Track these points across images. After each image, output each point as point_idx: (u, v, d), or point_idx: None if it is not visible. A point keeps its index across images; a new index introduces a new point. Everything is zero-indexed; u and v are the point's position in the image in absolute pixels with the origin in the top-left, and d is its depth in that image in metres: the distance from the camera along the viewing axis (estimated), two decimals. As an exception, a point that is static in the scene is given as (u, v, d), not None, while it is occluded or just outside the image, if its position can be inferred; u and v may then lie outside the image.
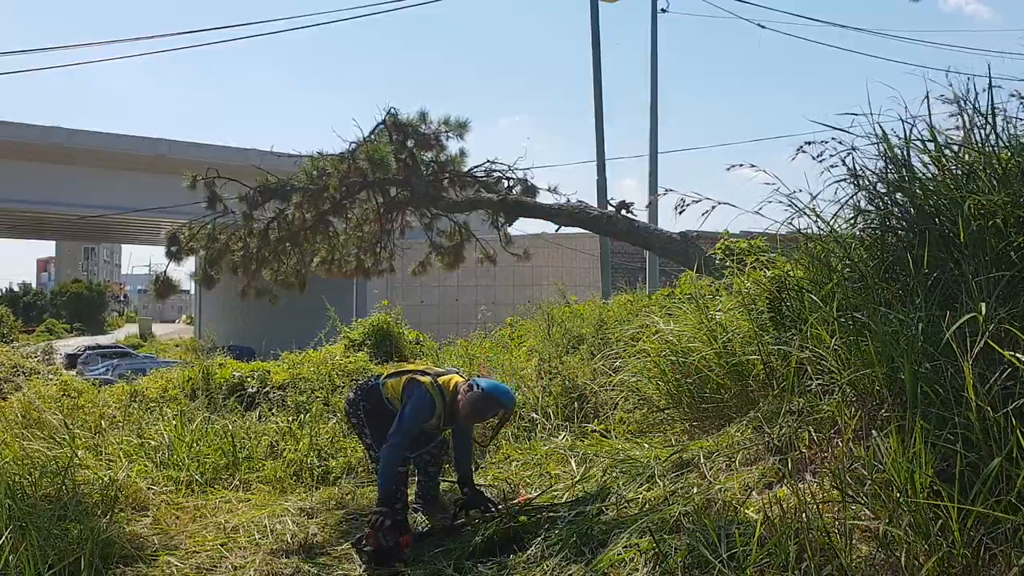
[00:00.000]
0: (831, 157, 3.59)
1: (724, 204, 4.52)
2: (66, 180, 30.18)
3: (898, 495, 2.45)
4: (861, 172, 3.50)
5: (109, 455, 5.70)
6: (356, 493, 5.10)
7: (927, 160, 3.35)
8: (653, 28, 17.26)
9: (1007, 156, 3.09)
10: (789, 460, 3.12)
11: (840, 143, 3.58)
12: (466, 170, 7.57)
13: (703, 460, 3.65)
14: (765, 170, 3.95)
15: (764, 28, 17.66)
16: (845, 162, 3.54)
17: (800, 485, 2.85)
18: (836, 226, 3.65)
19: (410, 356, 11.30)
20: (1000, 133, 3.22)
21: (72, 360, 27.51)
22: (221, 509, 4.81)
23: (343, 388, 7.23)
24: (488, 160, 7.58)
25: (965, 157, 3.27)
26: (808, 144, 3.70)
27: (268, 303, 7.48)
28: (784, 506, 2.70)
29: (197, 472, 5.45)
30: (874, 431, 2.74)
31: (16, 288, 73.06)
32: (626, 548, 3.02)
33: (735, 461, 3.51)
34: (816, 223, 3.77)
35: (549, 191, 7.55)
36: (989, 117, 3.24)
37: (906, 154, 3.34)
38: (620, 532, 3.19)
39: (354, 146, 6.98)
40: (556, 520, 3.66)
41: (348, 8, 37.37)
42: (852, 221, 3.57)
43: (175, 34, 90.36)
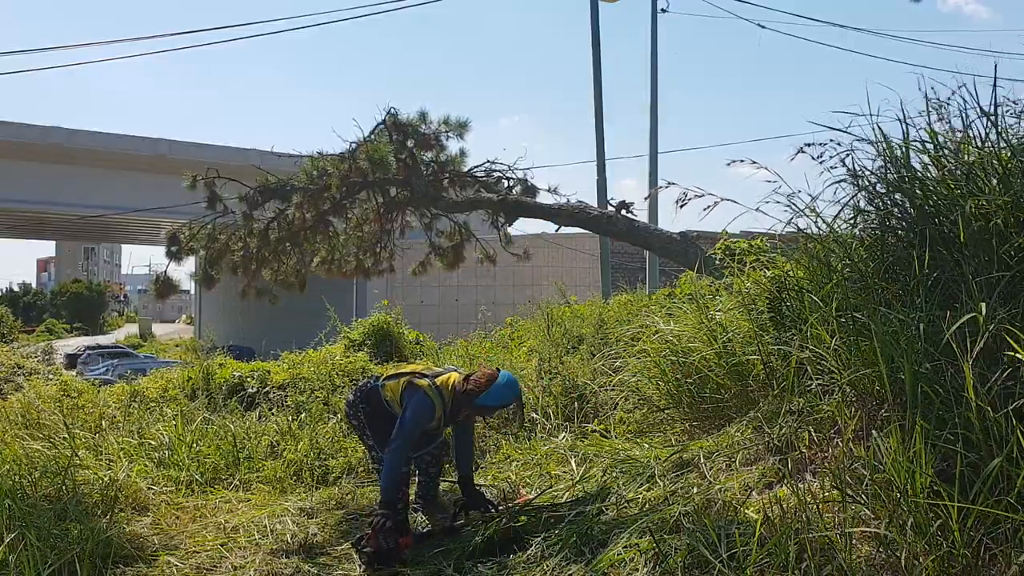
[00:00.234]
0: (831, 158, 3.59)
1: (726, 200, 4.51)
2: (66, 180, 30.19)
3: (898, 495, 2.45)
4: (861, 172, 3.50)
5: (109, 455, 5.70)
6: (356, 493, 5.10)
7: (927, 160, 3.35)
8: (653, 28, 17.28)
9: (1007, 156, 3.09)
10: (789, 460, 3.12)
11: (840, 144, 3.58)
12: (466, 170, 7.57)
13: (703, 460, 3.65)
14: (766, 167, 3.95)
15: (764, 28, 17.68)
16: (845, 162, 3.54)
17: (800, 485, 2.85)
18: (836, 226, 3.65)
19: (410, 356, 11.30)
20: (1001, 132, 3.22)
21: (72, 360, 27.56)
22: (221, 509, 4.81)
23: (343, 388, 7.23)
24: (488, 160, 7.59)
25: (965, 157, 3.27)
26: (808, 146, 3.70)
27: (268, 303, 7.49)
28: (784, 506, 2.70)
29: (197, 472, 5.44)
30: (874, 431, 2.74)
31: (16, 288, 73.09)
32: (626, 548, 3.02)
33: (735, 461, 3.51)
34: (816, 223, 3.78)
35: (549, 191, 7.56)
36: (990, 117, 3.25)
37: (905, 154, 3.34)
38: (620, 532, 3.19)
39: (354, 146, 6.98)
40: (556, 520, 3.66)
41: (348, 8, 37.41)
42: (852, 221, 3.57)
43: (175, 34, 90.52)
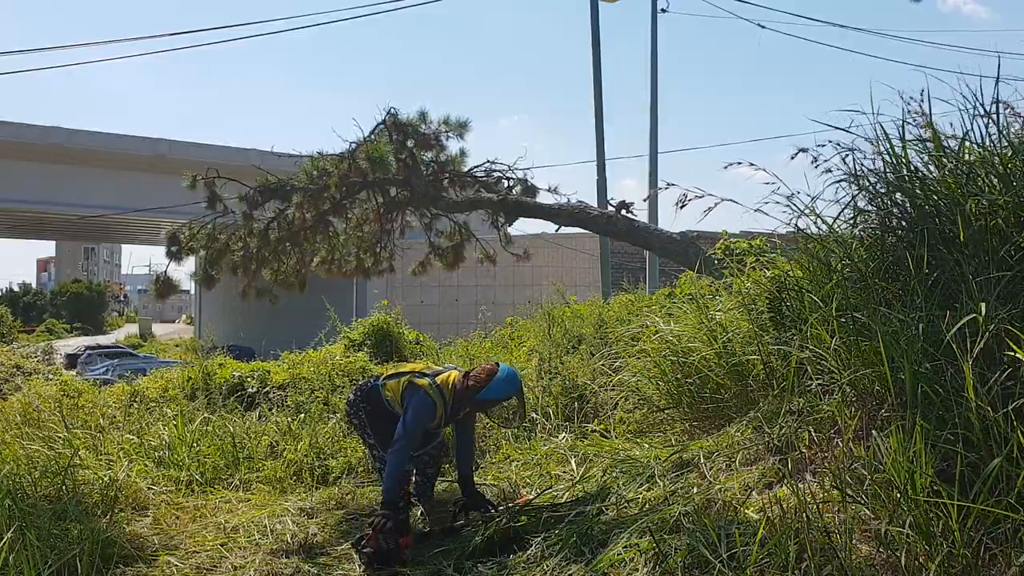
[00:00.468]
0: (830, 158, 3.59)
1: (726, 200, 4.51)
2: (66, 180, 30.19)
3: (898, 495, 2.45)
4: (861, 172, 3.50)
5: (109, 455, 5.70)
6: (356, 493, 5.10)
7: (927, 160, 3.35)
8: (653, 28, 17.28)
9: (1008, 155, 3.09)
10: (789, 460, 3.12)
11: (840, 143, 3.58)
12: (466, 170, 7.56)
13: (703, 460, 3.65)
14: (765, 169, 3.96)
15: (764, 28, 17.69)
16: (845, 162, 3.54)
17: (800, 485, 2.85)
18: (836, 226, 3.65)
19: (410, 356, 11.29)
20: (1002, 132, 3.22)
21: (72, 360, 27.54)
22: (221, 509, 4.81)
23: (343, 388, 7.23)
24: (488, 160, 7.57)
25: (966, 157, 3.26)
26: (802, 151, 3.70)
27: (268, 303, 7.48)
28: (784, 506, 2.70)
29: (197, 472, 5.44)
30: (874, 431, 2.74)
31: (16, 288, 73.09)
32: (626, 548, 3.02)
33: (735, 461, 3.51)
34: (816, 223, 3.78)
35: (549, 191, 7.54)
36: (992, 116, 3.24)
37: (906, 153, 3.34)
38: (620, 532, 3.19)
39: (354, 146, 6.98)
40: (556, 520, 3.66)
41: (347, 8, 37.41)
42: (852, 221, 3.57)
43: (174, 34, 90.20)
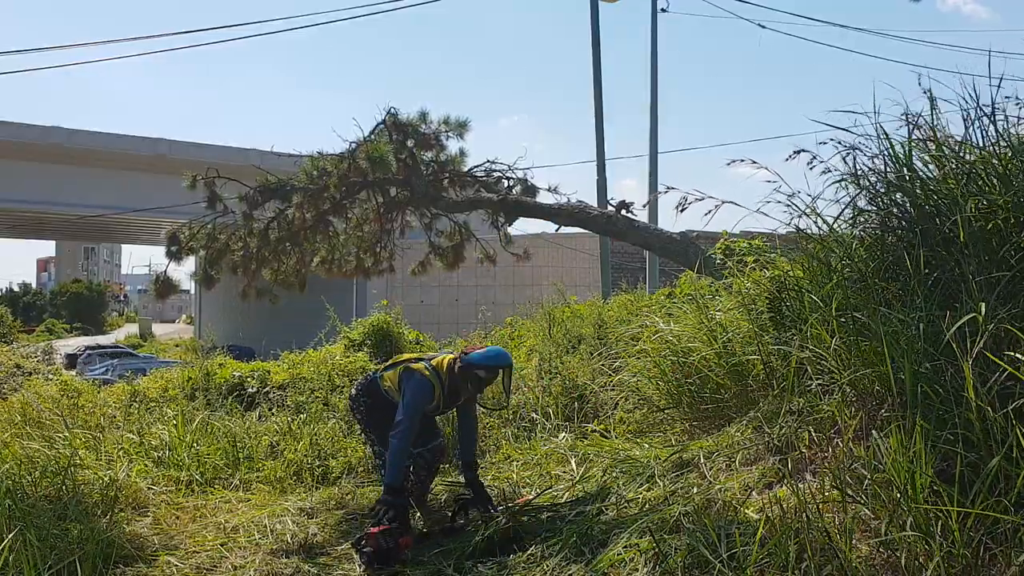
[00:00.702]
0: (830, 159, 3.59)
1: (727, 203, 4.51)
2: (66, 180, 30.19)
3: (898, 495, 2.45)
4: (861, 172, 3.50)
5: (109, 455, 5.70)
6: (356, 493, 5.10)
7: (927, 160, 3.35)
8: (653, 28, 17.28)
9: (1007, 156, 3.09)
10: (789, 460, 3.12)
11: (840, 143, 3.58)
12: (466, 170, 7.56)
13: (703, 460, 3.65)
14: (766, 167, 3.95)
15: (764, 28, 17.69)
16: (845, 161, 3.54)
17: (800, 485, 2.85)
18: (836, 226, 3.65)
19: (410, 356, 11.23)
20: (1001, 132, 3.22)
21: (72, 360, 27.54)
22: (221, 509, 4.81)
23: (343, 388, 7.23)
24: (488, 160, 7.57)
25: (966, 156, 3.26)
26: (801, 151, 3.70)
27: (268, 303, 7.48)
28: (784, 506, 2.70)
29: (197, 472, 5.44)
30: (874, 431, 2.74)
31: (16, 288, 73.10)
32: (626, 548, 3.02)
33: (735, 461, 3.51)
34: (816, 223, 3.77)
35: (549, 191, 7.54)
36: (990, 116, 3.24)
37: (907, 154, 3.34)
38: (620, 532, 3.19)
39: (354, 146, 6.97)
40: (556, 520, 3.66)
41: (347, 8, 37.39)
42: (852, 221, 3.57)
43: (174, 34, 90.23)
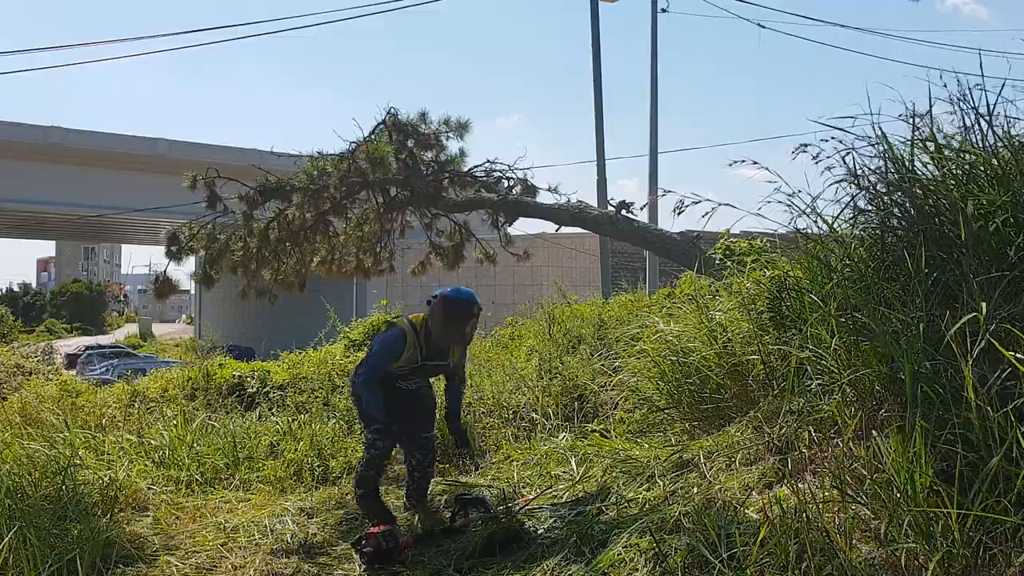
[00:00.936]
0: (829, 157, 3.59)
1: (724, 205, 4.50)
2: (66, 180, 30.21)
3: (898, 495, 2.45)
4: (861, 172, 3.50)
5: (109, 455, 5.70)
6: (356, 493, 5.10)
7: (927, 160, 3.35)
8: (653, 28, 17.30)
9: (1007, 156, 3.09)
10: (789, 460, 3.12)
11: (840, 143, 3.57)
12: (466, 170, 7.56)
13: (703, 460, 3.65)
14: (767, 168, 3.95)
15: (764, 28, 17.71)
16: (845, 162, 3.54)
17: (800, 485, 2.85)
18: (836, 226, 3.65)
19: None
20: (999, 133, 3.22)
21: (72, 360, 27.56)
22: (221, 509, 4.81)
23: (343, 388, 7.23)
24: (488, 160, 7.56)
25: (966, 157, 3.26)
26: (806, 146, 3.69)
27: (268, 303, 7.48)
28: (784, 506, 2.70)
29: (197, 472, 5.45)
30: (874, 431, 2.74)
31: (16, 288, 73.15)
32: (626, 548, 3.02)
33: (735, 461, 3.51)
34: (816, 223, 3.77)
35: (549, 191, 7.53)
36: (988, 117, 3.24)
37: (910, 154, 3.34)
38: (620, 532, 3.19)
39: (354, 146, 6.98)
40: (556, 520, 3.66)
41: (347, 8, 37.41)
42: (852, 221, 3.57)
43: (173, 34, 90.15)
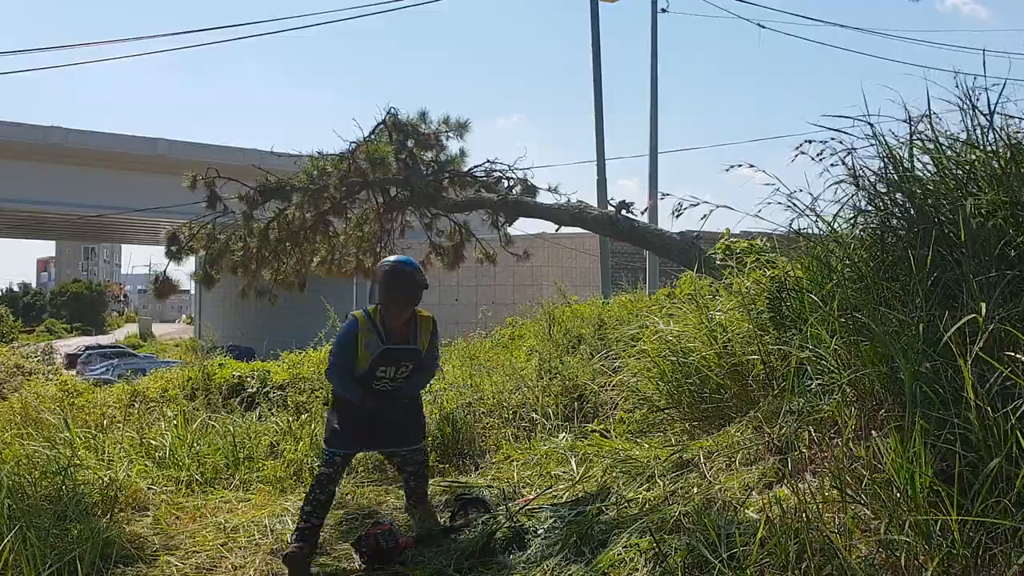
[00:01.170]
0: (830, 157, 3.59)
1: (723, 207, 4.50)
2: (66, 180, 30.23)
3: (898, 495, 2.45)
4: (861, 172, 3.50)
5: (109, 455, 5.70)
6: (356, 493, 5.11)
7: (927, 160, 3.35)
8: (653, 28, 17.30)
9: (1006, 156, 3.09)
10: (789, 460, 3.12)
11: (840, 143, 3.58)
12: (466, 170, 7.57)
13: (703, 460, 3.65)
14: (764, 170, 3.95)
15: (764, 28, 17.71)
16: (845, 162, 3.54)
17: (800, 485, 2.85)
18: (836, 226, 3.65)
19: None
20: (999, 133, 3.22)
21: (72, 360, 27.57)
22: (221, 509, 4.81)
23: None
24: (488, 160, 7.58)
25: (965, 156, 3.26)
26: (808, 143, 3.69)
27: (268, 303, 7.49)
28: (784, 506, 2.70)
29: (197, 472, 5.44)
30: (874, 431, 2.74)
31: (16, 288, 73.16)
32: (626, 548, 3.02)
33: (735, 461, 3.51)
34: (816, 223, 3.77)
35: (549, 191, 7.54)
36: (988, 117, 3.24)
37: (909, 154, 3.34)
38: (620, 532, 3.19)
39: (354, 146, 6.98)
40: (556, 520, 3.66)
41: (347, 8, 37.41)
42: (852, 221, 3.57)
43: (174, 34, 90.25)
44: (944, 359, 2.61)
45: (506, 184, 7.56)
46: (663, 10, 17.29)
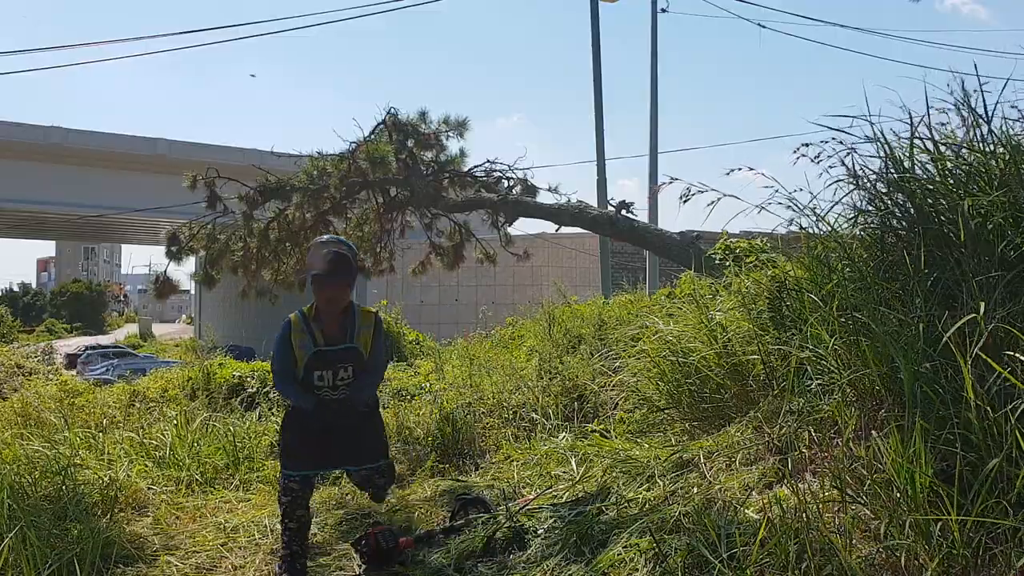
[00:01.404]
0: (830, 157, 3.59)
1: (728, 196, 4.49)
2: (66, 180, 30.24)
3: (898, 495, 2.45)
4: (861, 172, 3.50)
5: (109, 455, 5.70)
6: (356, 493, 5.10)
7: (926, 160, 3.35)
8: (653, 28, 17.32)
9: (1006, 157, 3.09)
10: (789, 460, 3.12)
11: (840, 143, 3.58)
12: (466, 170, 7.57)
13: (703, 460, 3.65)
14: (763, 172, 3.95)
15: (764, 28, 17.74)
16: (845, 162, 3.54)
17: (800, 485, 2.85)
18: (836, 226, 3.65)
19: (410, 356, 11.28)
20: (998, 134, 3.22)
21: (72, 360, 27.56)
22: (221, 509, 4.81)
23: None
24: (488, 160, 7.60)
25: (965, 157, 3.27)
26: (806, 146, 3.69)
27: (268, 303, 7.49)
28: (784, 506, 2.70)
29: (197, 472, 5.44)
30: (874, 431, 2.74)
31: (16, 288, 73.17)
32: (626, 548, 3.02)
33: (735, 461, 3.51)
34: (816, 224, 3.77)
35: (549, 191, 7.55)
36: (987, 117, 3.24)
37: (909, 154, 3.34)
38: (620, 532, 3.18)
39: (354, 146, 6.99)
40: (556, 520, 3.66)
41: (348, 8, 37.42)
42: (852, 221, 3.57)
43: (174, 34, 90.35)
44: (944, 359, 2.61)
45: (506, 184, 7.57)
46: (663, 10, 17.34)
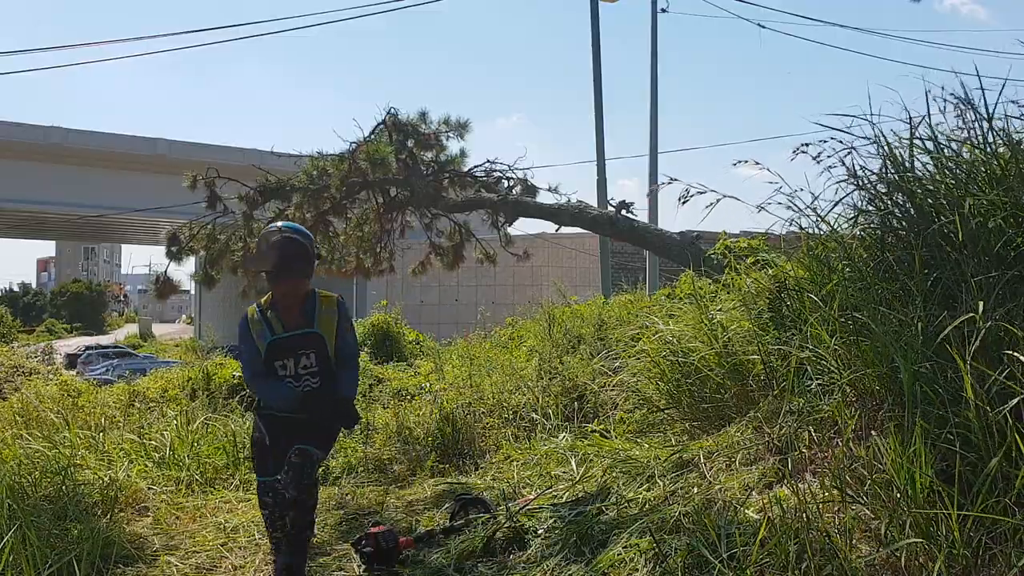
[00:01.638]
0: (829, 157, 3.59)
1: (728, 197, 4.49)
2: (66, 180, 30.26)
3: (898, 495, 2.45)
4: (861, 172, 3.50)
5: (109, 455, 5.70)
6: (356, 493, 5.11)
7: (926, 160, 3.36)
8: (653, 28, 17.32)
9: (1006, 156, 3.09)
10: (789, 460, 3.12)
11: (840, 143, 3.58)
12: (466, 170, 7.57)
13: (703, 460, 3.65)
14: (768, 168, 3.95)
15: (764, 28, 17.73)
16: (845, 162, 3.54)
17: (800, 485, 2.85)
18: (836, 226, 3.65)
19: (409, 356, 11.28)
20: (998, 133, 3.22)
21: (72, 360, 27.56)
22: (221, 509, 4.81)
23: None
24: (488, 160, 7.58)
25: (965, 156, 3.27)
26: (806, 145, 3.69)
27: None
28: (784, 506, 2.70)
29: (197, 472, 5.45)
30: (874, 431, 2.74)
31: (16, 288, 73.17)
32: (626, 548, 3.02)
33: (735, 461, 3.51)
34: (817, 224, 3.77)
35: (549, 191, 7.53)
36: (987, 117, 3.24)
37: (909, 154, 3.34)
38: (620, 532, 3.19)
39: (354, 146, 6.99)
40: (556, 520, 3.66)
41: (348, 8, 37.43)
42: (852, 221, 3.57)
43: (174, 34, 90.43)
44: (944, 359, 2.61)
45: (506, 184, 7.56)
46: (663, 10, 17.34)
